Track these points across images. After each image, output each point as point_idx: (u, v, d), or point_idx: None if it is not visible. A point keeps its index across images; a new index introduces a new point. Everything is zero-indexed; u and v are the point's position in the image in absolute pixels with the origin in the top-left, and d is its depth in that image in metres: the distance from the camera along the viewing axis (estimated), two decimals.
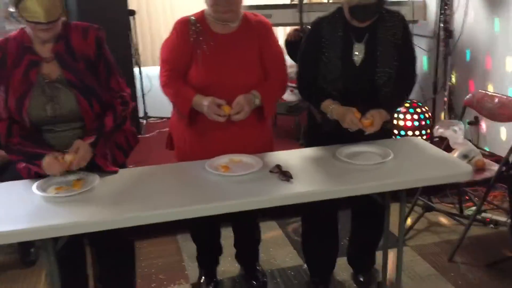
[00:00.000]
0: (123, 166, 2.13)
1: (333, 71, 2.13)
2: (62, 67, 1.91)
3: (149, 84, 4.78)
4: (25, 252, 2.90)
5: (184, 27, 2.14)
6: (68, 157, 1.85)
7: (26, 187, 1.87)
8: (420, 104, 3.89)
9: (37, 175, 1.93)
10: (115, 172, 1.99)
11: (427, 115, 3.87)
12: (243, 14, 2.17)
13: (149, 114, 4.93)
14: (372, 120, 2.05)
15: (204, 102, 2.04)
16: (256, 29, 2.17)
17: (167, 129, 4.62)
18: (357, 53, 2.12)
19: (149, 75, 4.93)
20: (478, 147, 3.13)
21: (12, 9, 1.83)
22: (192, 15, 2.17)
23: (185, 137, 2.25)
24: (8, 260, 2.93)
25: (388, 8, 2.17)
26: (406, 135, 3.82)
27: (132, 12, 4.39)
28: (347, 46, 2.12)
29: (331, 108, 2.12)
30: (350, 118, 2.05)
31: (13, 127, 1.92)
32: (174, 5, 4.99)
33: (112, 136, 2.01)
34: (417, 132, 3.84)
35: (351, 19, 2.08)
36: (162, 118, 4.86)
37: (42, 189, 1.83)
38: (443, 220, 3.24)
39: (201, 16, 2.16)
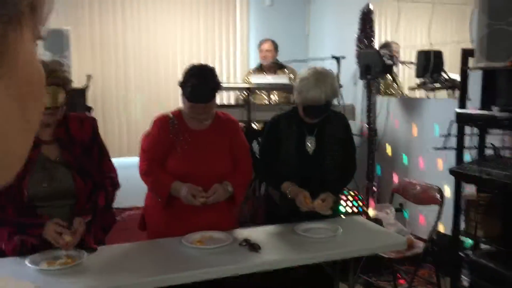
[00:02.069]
0: (101, 243, 2.33)
1: (289, 159, 2.55)
2: (61, 149, 2.17)
3: None
4: None
5: (164, 123, 2.48)
6: (67, 238, 2.05)
7: (16, 263, 2.03)
8: (352, 190, 4.40)
9: (28, 251, 2.09)
10: (95, 249, 2.18)
11: (361, 202, 4.36)
12: (214, 112, 2.57)
13: None
14: (321, 202, 2.45)
15: (183, 189, 2.35)
16: (226, 126, 2.56)
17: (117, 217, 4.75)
18: (309, 144, 2.57)
19: None
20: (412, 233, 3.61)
21: None
22: (171, 113, 2.54)
23: (160, 219, 2.50)
24: None
25: (333, 109, 2.68)
26: None
27: (89, 108, 4.70)
28: (301, 139, 2.57)
29: (289, 189, 2.51)
30: (299, 199, 2.44)
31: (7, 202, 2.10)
32: (128, 102, 5.38)
33: (103, 215, 2.24)
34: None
35: (304, 116, 2.55)
36: None
37: (35, 264, 2.00)
38: None
39: (178, 114, 2.52)
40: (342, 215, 4.13)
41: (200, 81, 2.36)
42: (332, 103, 2.54)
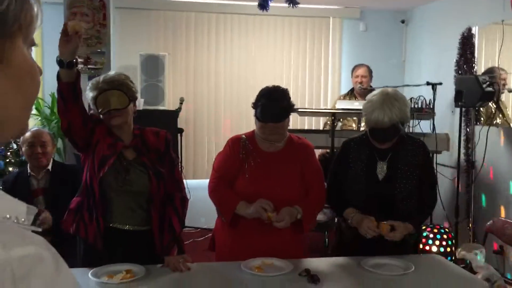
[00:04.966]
0: None
1: (358, 184, 2.41)
2: (138, 153, 2.27)
3: (189, 195, 5.09)
4: None
5: (236, 144, 2.49)
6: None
7: (80, 275, 2.10)
8: (444, 230, 4.03)
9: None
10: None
11: (450, 241, 4.00)
12: (288, 136, 2.50)
13: (185, 223, 5.17)
14: (389, 226, 2.26)
15: (253, 205, 2.30)
16: (299, 150, 2.48)
17: (201, 238, 4.85)
18: (380, 169, 2.41)
19: (189, 187, 5.27)
20: (505, 277, 3.22)
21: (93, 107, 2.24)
22: (244, 134, 2.53)
23: (226, 240, 2.48)
24: None
25: (411, 135, 2.49)
26: None
27: (181, 130, 4.89)
28: (371, 163, 2.43)
29: (352, 215, 2.36)
30: (367, 224, 2.28)
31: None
32: (218, 127, 5.53)
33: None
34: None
35: (372, 140, 2.41)
36: (197, 228, 5.10)
37: (96, 276, 2.07)
38: None
39: (251, 135, 2.51)
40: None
41: (270, 101, 2.34)
42: (401, 128, 2.37)
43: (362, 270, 2.19)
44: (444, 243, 3.97)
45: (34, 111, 4.94)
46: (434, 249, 3.96)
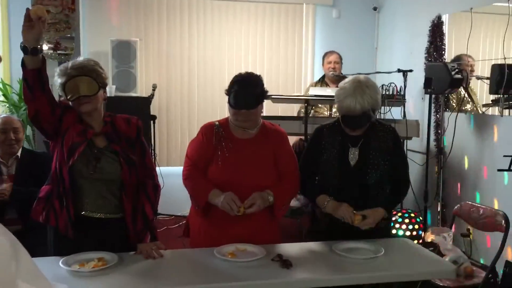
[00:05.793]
0: None
1: (330, 170, 2.45)
2: (108, 140, 2.25)
3: (162, 182, 5.06)
4: None
5: (209, 130, 2.49)
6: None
7: (50, 263, 2.08)
8: (410, 212, 4.13)
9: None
10: None
11: (415, 225, 4.10)
12: (261, 122, 2.51)
13: (159, 211, 5.16)
14: (361, 216, 2.31)
15: (221, 197, 2.31)
16: (272, 137, 2.50)
17: (175, 225, 4.85)
18: (352, 156, 2.45)
19: (162, 174, 5.24)
20: (471, 259, 3.32)
21: (61, 94, 2.20)
22: (217, 121, 2.53)
23: (201, 226, 2.49)
24: None
25: (381, 121, 2.53)
26: None
27: (154, 117, 4.84)
28: (343, 150, 2.47)
29: (326, 202, 2.40)
30: (343, 209, 2.33)
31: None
32: (191, 114, 5.50)
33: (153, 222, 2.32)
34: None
35: (344, 127, 2.45)
36: (171, 215, 5.08)
37: (67, 265, 2.05)
38: None
39: (225, 122, 2.51)
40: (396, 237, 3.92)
41: (243, 87, 2.34)
42: (373, 115, 2.41)
43: (334, 254, 2.24)
44: (411, 227, 4.06)
45: (1, 98, 4.82)
46: (402, 232, 4.05)
